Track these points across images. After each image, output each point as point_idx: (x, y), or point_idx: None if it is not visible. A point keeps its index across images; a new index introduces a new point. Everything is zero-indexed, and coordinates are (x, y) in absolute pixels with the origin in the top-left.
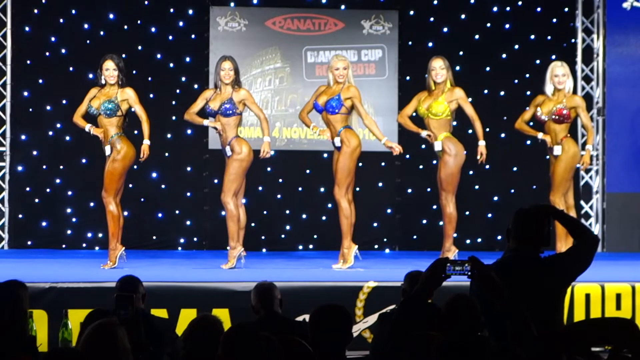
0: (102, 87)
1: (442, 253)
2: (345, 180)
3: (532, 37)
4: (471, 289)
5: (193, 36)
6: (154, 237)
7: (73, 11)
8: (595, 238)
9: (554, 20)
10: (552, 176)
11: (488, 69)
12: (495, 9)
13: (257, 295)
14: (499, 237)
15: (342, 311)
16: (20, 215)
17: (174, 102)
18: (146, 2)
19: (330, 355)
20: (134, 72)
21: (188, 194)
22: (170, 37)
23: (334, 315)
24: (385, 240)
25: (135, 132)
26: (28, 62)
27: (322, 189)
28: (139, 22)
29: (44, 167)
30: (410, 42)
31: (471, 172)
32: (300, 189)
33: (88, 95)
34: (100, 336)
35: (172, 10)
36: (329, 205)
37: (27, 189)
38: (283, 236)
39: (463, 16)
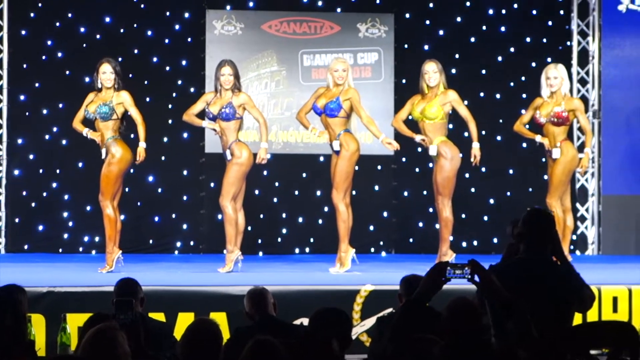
0: (99, 92)
1: (438, 257)
2: (344, 185)
3: (528, 39)
4: (477, 291)
5: (189, 39)
6: (151, 241)
7: (69, 14)
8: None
9: (550, 23)
10: (549, 179)
11: (484, 71)
12: (490, 11)
13: (250, 300)
14: (495, 240)
15: (341, 315)
16: (16, 219)
17: (170, 106)
18: (142, 6)
19: None
20: (130, 75)
21: (185, 197)
22: (167, 41)
23: (333, 318)
24: (381, 243)
25: (132, 135)
26: (24, 65)
27: (318, 193)
28: (135, 25)
29: (41, 170)
30: (406, 45)
31: (467, 175)
32: (296, 192)
33: (86, 100)
34: (101, 341)
35: (168, 13)
36: (326, 209)
37: (24, 192)
38: (279, 240)
39: (459, 19)
